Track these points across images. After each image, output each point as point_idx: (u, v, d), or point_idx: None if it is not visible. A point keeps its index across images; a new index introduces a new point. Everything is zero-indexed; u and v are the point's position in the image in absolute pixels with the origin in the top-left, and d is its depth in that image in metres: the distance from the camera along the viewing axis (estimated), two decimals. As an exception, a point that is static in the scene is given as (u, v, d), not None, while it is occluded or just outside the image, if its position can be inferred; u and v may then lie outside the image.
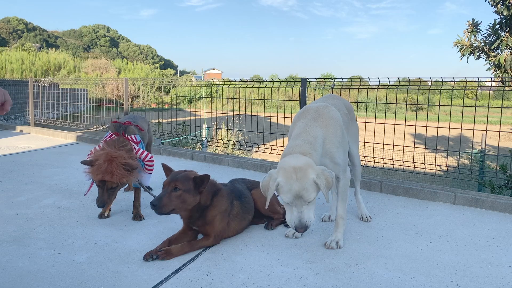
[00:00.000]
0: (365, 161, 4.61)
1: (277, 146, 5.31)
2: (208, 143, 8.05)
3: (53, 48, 48.65)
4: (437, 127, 4.29)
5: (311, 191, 2.15)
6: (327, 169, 2.27)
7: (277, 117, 5.47)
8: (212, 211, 2.48)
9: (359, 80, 5.14)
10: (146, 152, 2.98)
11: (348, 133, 2.85)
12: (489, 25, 7.42)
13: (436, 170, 4.27)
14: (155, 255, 2.30)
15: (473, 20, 7.59)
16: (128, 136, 2.96)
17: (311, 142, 2.34)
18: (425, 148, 4.71)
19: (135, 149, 2.91)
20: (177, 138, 7.64)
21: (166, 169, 2.54)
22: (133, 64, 41.66)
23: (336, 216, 2.60)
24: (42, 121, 8.96)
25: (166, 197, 2.27)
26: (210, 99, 9.40)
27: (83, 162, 2.74)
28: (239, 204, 2.67)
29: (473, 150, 7.57)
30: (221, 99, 7.99)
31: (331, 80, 5.57)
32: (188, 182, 2.33)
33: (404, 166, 4.42)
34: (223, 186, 2.68)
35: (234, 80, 6.34)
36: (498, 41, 7.16)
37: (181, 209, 2.35)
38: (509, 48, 7.17)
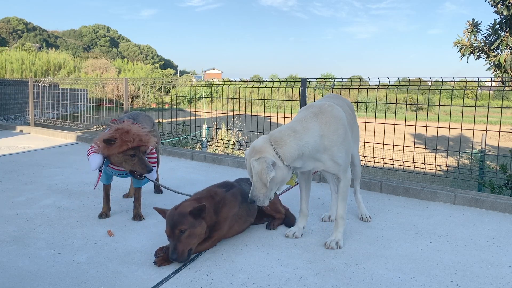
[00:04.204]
0: (365, 161, 4.61)
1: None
2: (208, 143, 8.05)
3: (53, 48, 48.65)
4: (437, 127, 4.29)
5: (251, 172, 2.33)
6: (276, 167, 2.29)
7: (277, 117, 5.47)
8: (222, 216, 2.47)
9: (359, 80, 5.14)
10: None
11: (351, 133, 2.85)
12: (489, 25, 7.42)
13: (436, 170, 4.27)
14: (167, 250, 2.31)
15: (473, 20, 7.60)
16: None
17: (297, 131, 2.35)
18: (425, 148, 4.71)
19: None
20: (177, 138, 7.64)
21: (160, 211, 2.48)
22: (133, 64, 41.66)
23: (336, 216, 2.60)
24: (42, 121, 8.96)
25: (179, 244, 2.24)
26: (210, 99, 9.41)
27: (106, 141, 2.69)
28: (245, 206, 2.67)
29: (473, 150, 7.57)
30: (221, 99, 7.99)
31: (331, 80, 5.58)
32: (187, 219, 2.29)
33: (404, 166, 4.42)
34: (229, 188, 2.66)
35: (234, 80, 6.34)
36: (498, 41, 7.16)
37: (197, 241, 2.34)
38: (509, 48, 7.17)
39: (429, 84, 4.90)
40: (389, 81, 4.49)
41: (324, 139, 2.41)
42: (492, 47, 7.29)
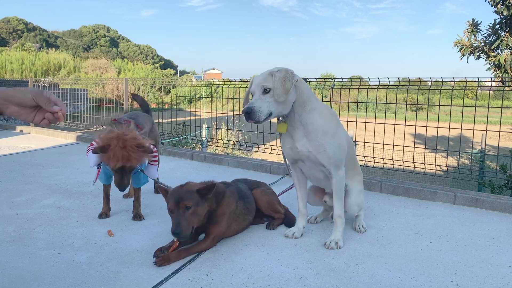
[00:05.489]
0: (365, 161, 4.61)
1: (277, 146, 5.31)
2: (208, 143, 8.05)
3: (53, 48, 48.70)
4: (437, 127, 4.29)
5: (267, 80, 2.29)
6: (297, 77, 2.36)
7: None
8: (221, 210, 2.49)
9: (359, 80, 5.14)
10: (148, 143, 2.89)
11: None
12: (489, 25, 7.44)
13: (436, 170, 4.27)
14: (165, 251, 2.32)
15: (473, 20, 7.60)
16: None
17: (309, 90, 2.49)
18: (425, 148, 4.71)
19: None
20: (177, 138, 7.64)
21: (162, 190, 2.48)
22: (133, 64, 41.67)
23: (334, 216, 2.60)
24: (42, 121, 8.94)
25: (183, 220, 2.24)
26: (210, 99, 9.40)
27: (95, 151, 2.67)
28: (243, 204, 2.67)
29: (473, 150, 7.58)
30: (221, 99, 7.98)
31: (331, 80, 5.57)
32: (194, 196, 2.30)
33: (404, 166, 4.42)
34: (227, 186, 2.68)
35: (234, 80, 6.34)
36: (498, 41, 7.16)
37: (197, 223, 2.34)
38: (509, 48, 7.17)
39: (429, 84, 4.90)
40: (389, 81, 4.49)
41: (320, 117, 2.45)
42: (492, 47, 7.30)
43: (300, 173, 2.71)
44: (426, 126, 4.37)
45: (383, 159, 4.50)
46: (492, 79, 6.45)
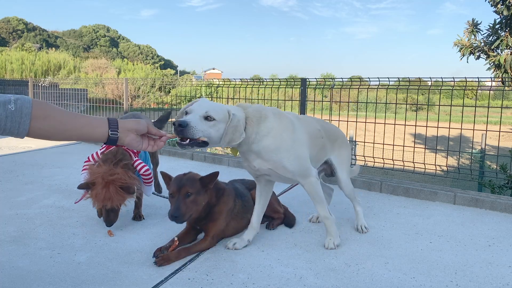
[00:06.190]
0: (365, 161, 4.61)
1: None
2: (208, 143, 8.04)
3: (53, 48, 48.69)
4: (437, 127, 4.29)
5: (217, 112, 2.05)
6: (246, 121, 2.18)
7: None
8: (219, 208, 2.50)
9: (359, 80, 5.14)
10: (142, 164, 2.86)
11: (334, 153, 2.71)
12: (489, 25, 7.43)
13: (436, 170, 4.27)
14: (165, 250, 2.34)
15: (473, 20, 7.61)
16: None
17: (259, 109, 2.27)
18: (425, 148, 4.71)
19: (132, 160, 2.84)
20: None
21: (165, 176, 2.53)
22: (133, 64, 41.64)
23: (321, 218, 2.61)
24: (42, 121, 8.94)
25: (183, 205, 2.28)
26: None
27: (80, 187, 2.66)
28: (241, 203, 2.68)
29: (473, 150, 7.58)
30: (221, 99, 7.99)
31: (331, 80, 5.57)
32: (196, 184, 2.34)
33: (404, 166, 4.42)
34: (226, 185, 2.70)
35: (234, 80, 6.34)
36: (498, 41, 7.17)
37: (195, 212, 2.36)
38: (509, 48, 7.18)
39: (429, 84, 4.90)
40: (389, 81, 4.49)
41: (272, 138, 2.25)
42: (492, 47, 7.30)
43: (264, 185, 2.58)
44: (426, 126, 4.37)
45: (383, 159, 4.50)
46: (492, 79, 6.45)
